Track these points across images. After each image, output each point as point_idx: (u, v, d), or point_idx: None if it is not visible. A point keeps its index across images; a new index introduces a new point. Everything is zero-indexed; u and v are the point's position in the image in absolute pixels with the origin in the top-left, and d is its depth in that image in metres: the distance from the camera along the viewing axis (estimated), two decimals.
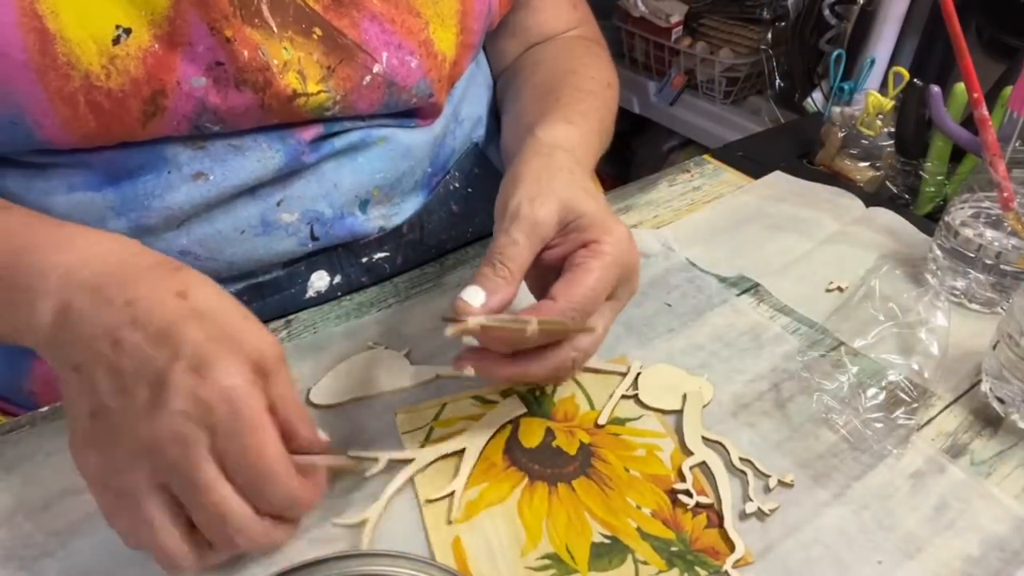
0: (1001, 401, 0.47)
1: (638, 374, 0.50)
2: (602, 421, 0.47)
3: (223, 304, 0.37)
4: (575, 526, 0.41)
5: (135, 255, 0.39)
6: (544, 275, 0.44)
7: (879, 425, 0.47)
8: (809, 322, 0.55)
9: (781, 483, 0.43)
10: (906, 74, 0.67)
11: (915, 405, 0.48)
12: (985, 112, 0.53)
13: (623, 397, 0.49)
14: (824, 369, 0.51)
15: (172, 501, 0.35)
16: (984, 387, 0.49)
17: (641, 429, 0.47)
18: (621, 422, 0.47)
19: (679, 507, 0.42)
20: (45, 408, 0.47)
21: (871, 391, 0.49)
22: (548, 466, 0.44)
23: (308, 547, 0.40)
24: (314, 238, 0.54)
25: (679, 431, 0.46)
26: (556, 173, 0.45)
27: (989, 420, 0.48)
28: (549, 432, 0.46)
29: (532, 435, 0.46)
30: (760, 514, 0.42)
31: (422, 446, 0.45)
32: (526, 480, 0.43)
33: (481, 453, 0.45)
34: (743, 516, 0.42)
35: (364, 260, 0.58)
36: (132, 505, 0.35)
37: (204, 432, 0.34)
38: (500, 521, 0.41)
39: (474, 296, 0.40)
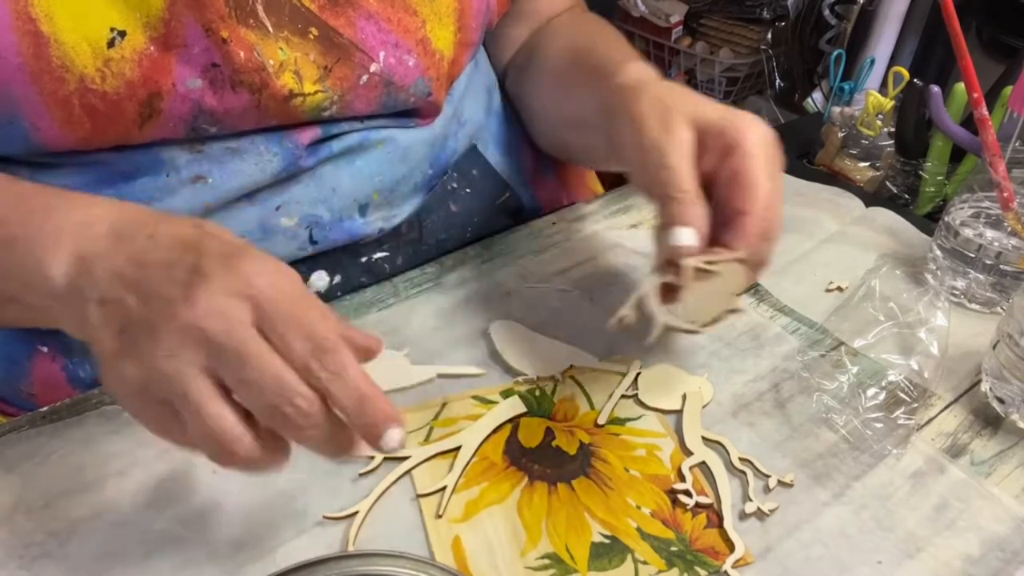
0: (1001, 401, 0.47)
1: (638, 374, 0.50)
2: (601, 421, 0.47)
3: (238, 239, 0.37)
4: (575, 526, 0.41)
5: (151, 212, 0.39)
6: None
7: (879, 425, 0.47)
8: (809, 322, 0.55)
9: (781, 483, 0.43)
10: (906, 74, 0.67)
11: (915, 405, 0.48)
12: (985, 112, 0.53)
13: (623, 397, 0.49)
14: (824, 369, 0.51)
15: (221, 387, 0.33)
16: (984, 387, 0.49)
17: (641, 429, 0.47)
18: (621, 422, 0.47)
19: (679, 507, 0.42)
20: (45, 408, 0.47)
21: (871, 391, 0.49)
22: (548, 466, 0.44)
23: (307, 543, 0.40)
24: (313, 242, 0.54)
25: (679, 431, 0.47)
26: (664, 98, 0.45)
27: (989, 420, 0.48)
28: (549, 432, 0.46)
29: (532, 435, 0.46)
30: (760, 514, 0.42)
31: (421, 446, 0.45)
32: (526, 480, 0.43)
33: (477, 450, 0.45)
34: (743, 516, 0.42)
35: (364, 260, 0.58)
36: (181, 396, 0.32)
37: (247, 308, 0.33)
38: (500, 521, 0.41)
39: (688, 237, 0.40)
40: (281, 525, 0.41)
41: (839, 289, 0.59)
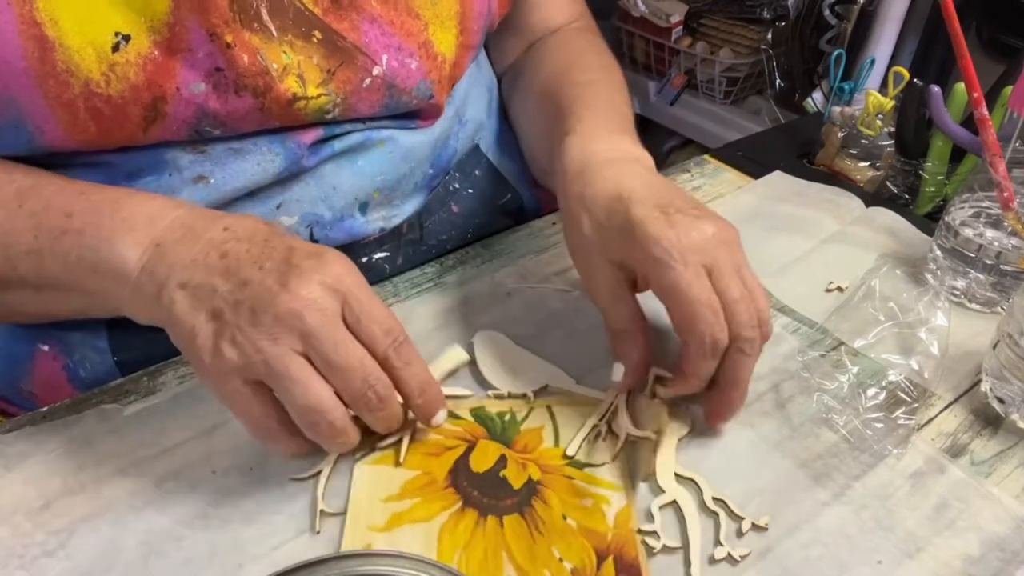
0: (1001, 401, 0.47)
1: (612, 402, 0.48)
2: (571, 452, 0.45)
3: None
4: (489, 564, 0.39)
5: (210, 209, 0.44)
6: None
7: (879, 425, 0.47)
8: (809, 322, 0.55)
9: (756, 526, 0.41)
10: (906, 74, 0.67)
11: (915, 405, 0.48)
12: (985, 112, 0.53)
13: (595, 428, 0.46)
14: (824, 369, 0.51)
15: (315, 368, 0.37)
16: (984, 387, 0.49)
17: (597, 478, 0.44)
18: (580, 466, 0.44)
19: (602, 571, 0.39)
20: (45, 408, 0.47)
21: (871, 391, 0.49)
22: (486, 495, 0.42)
23: (307, 543, 0.40)
24: (313, 240, 0.54)
25: (642, 473, 0.44)
26: (586, 232, 0.46)
27: (989, 420, 0.48)
28: (502, 459, 0.44)
29: (484, 459, 0.44)
30: (731, 559, 0.39)
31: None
32: (459, 505, 0.42)
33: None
34: (712, 561, 0.39)
35: (364, 260, 0.58)
36: (281, 374, 0.36)
37: (338, 302, 0.38)
38: (418, 539, 0.40)
39: (618, 372, 0.46)
40: (281, 525, 0.41)
41: (839, 289, 0.59)
